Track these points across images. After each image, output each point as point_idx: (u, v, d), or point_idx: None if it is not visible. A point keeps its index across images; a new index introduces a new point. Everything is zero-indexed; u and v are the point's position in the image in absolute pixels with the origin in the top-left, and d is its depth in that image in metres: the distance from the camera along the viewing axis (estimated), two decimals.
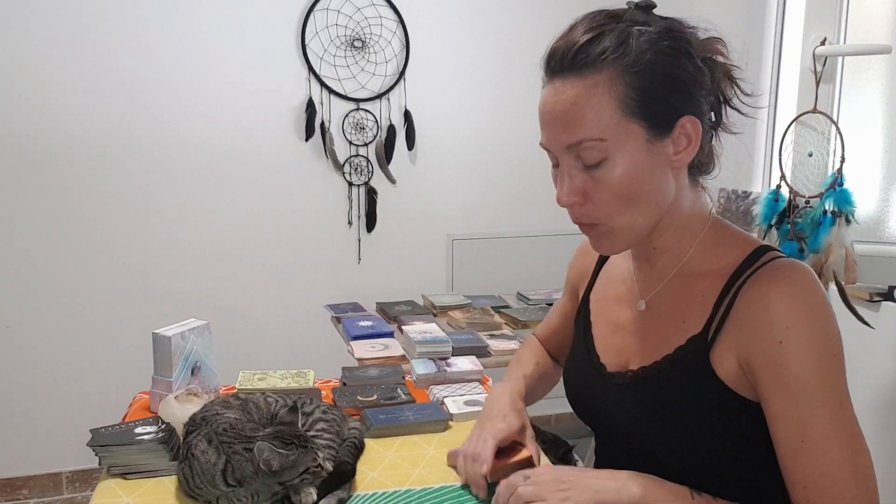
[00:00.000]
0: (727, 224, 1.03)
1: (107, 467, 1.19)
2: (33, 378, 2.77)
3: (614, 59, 0.88)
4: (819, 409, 0.86)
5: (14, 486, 2.80)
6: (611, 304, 1.12)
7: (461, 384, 1.61)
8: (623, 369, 1.04)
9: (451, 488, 1.16)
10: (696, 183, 1.00)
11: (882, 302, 2.14)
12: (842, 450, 0.85)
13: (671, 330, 0.99)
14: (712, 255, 0.98)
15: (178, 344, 1.44)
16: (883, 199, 2.31)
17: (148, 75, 2.76)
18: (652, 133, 0.90)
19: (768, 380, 0.88)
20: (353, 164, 3.03)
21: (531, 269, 3.19)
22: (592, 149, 0.90)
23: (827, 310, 0.89)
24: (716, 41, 0.96)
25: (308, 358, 2.74)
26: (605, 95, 0.88)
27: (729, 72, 0.97)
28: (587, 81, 0.89)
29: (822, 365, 0.86)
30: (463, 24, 3.10)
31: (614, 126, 0.89)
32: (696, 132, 0.92)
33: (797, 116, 2.30)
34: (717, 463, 0.94)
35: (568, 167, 0.93)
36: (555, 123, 0.92)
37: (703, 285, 0.97)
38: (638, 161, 0.90)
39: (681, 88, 0.91)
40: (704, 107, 0.94)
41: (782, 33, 2.48)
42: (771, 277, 0.90)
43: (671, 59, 0.90)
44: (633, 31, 0.90)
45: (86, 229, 2.76)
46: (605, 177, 0.91)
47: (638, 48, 0.89)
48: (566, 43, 0.91)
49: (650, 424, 0.98)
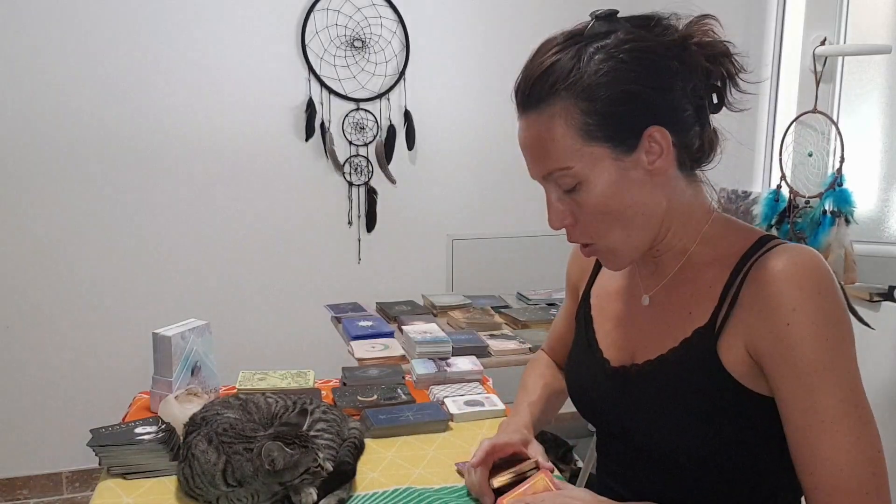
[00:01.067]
0: (730, 217, 1.02)
1: (107, 467, 1.19)
2: (33, 378, 2.77)
3: (566, 88, 0.89)
4: (827, 392, 0.85)
5: (14, 486, 2.80)
6: (612, 298, 1.11)
7: (461, 384, 1.61)
8: (627, 363, 1.04)
9: (451, 488, 1.16)
10: (693, 177, 0.99)
11: (882, 302, 2.14)
12: (849, 434, 0.84)
13: (676, 323, 0.98)
14: (717, 244, 0.98)
15: (178, 344, 1.44)
16: (882, 199, 2.31)
17: (148, 76, 2.76)
18: (618, 151, 0.90)
19: (776, 363, 0.87)
20: (353, 164, 3.03)
21: (531, 269, 3.19)
22: (565, 176, 0.92)
23: (834, 291, 0.87)
24: (702, 21, 0.93)
25: (308, 358, 2.75)
26: (564, 126, 0.89)
27: (721, 48, 0.94)
28: (543, 116, 0.91)
29: (831, 347, 0.85)
30: (463, 24, 3.10)
31: (577, 153, 0.90)
32: (665, 140, 0.91)
33: (797, 116, 2.30)
34: (721, 458, 0.93)
35: (550, 195, 0.97)
36: (528, 157, 0.96)
37: (709, 276, 0.96)
38: (612, 180, 0.91)
39: (639, 101, 0.90)
40: (681, 106, 0.92)
41: (782, 33, 2.48)
42: (776, 260, 0.89)
43: (626, 74, 0.88)
44: (587, 53, 0.89)
45: (86, 229, 2.76)
46: (585, 200, 0.93)
47: (590, 70, 0.88)
48: (524, 78, 0.93)
49: (655, 419, 0.97)
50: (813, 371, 0.85)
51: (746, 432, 0.92)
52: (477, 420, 1.43)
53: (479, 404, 1.47)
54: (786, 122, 2.35)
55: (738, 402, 0.91)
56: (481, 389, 1.58)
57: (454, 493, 1.14)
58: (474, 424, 1.41)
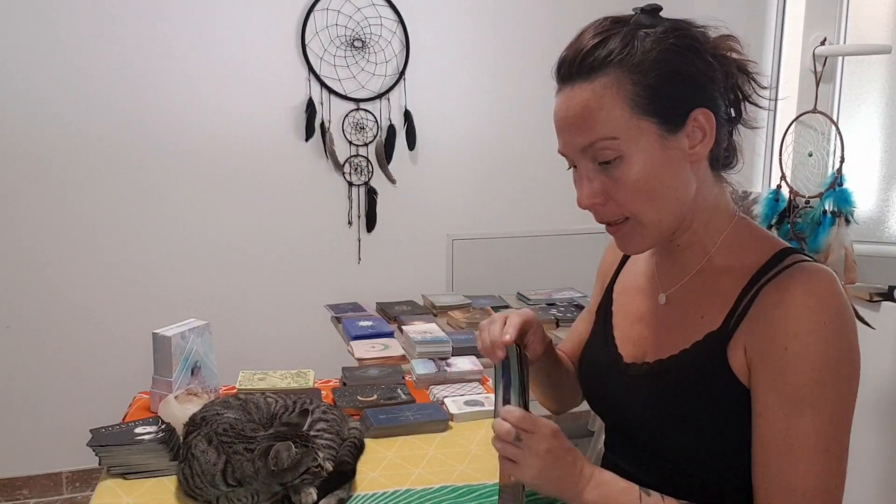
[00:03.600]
0: (752, 223, 1.03)
1: (107, 467, 1.19)
2: (33, 378, 2.77)
3: (620, 60, 0.90)
4: (806, 420, 0.86)
5: (14, 486, 2.80)
6: (632, 295, 1.12)
7: (461, 384, 1.61)
8: (639, 361, 1.05)
9: (451, 488, 1.16)
10: (719, 178, 1.01)
11: (882, 302, 2.14)
12: (813, 464, 0.86)
13: (690, 324, 0.99)
14: (736, 251, 0.99)
15: (178, 344, 1.44)
16: (882, 199, 2.31)
17: (148, 76, 2.76)
18: (664, 128, 0.91)
19: (764, 379, 0.89)
20: (353, 164, 3.03)
21: (531, 269, 3.19)
22: (607, 148, 0.91)
23: (844, 323, 0.88)
24: (728, 38, 0.97)
25: (308, 358, 2.74)
26: (614, 96, 0.90)
27: (744, 66, 0.98)
28: (595, 84, 0.91)
29: (823, 379, 0.86)
30: (463, 24, 3.10)
31: (625, 124, 0.90)
32: (710, 124, 0.93)
33: (797, 116, 2.30)
34: (724, 460, 0.94)
35: (586, 170, 0.95)
36: (568, 128, 0.94)
37: (726, 282, 0.97)
38: (653, 157, 0.91)
39: (689, 83, 0.92)
40: (718, 100, 0.95)
41: (782, 33, 2.48)
42: (793, 281, 0.89)
43: (677, 56, 0.91)
44: (638, 34, 0.92)
45: (86, 229, 2.76)
46: (623, 175, 0.92)
47: (643, 48, 0.90)
48: (574, 50, 0.93)
49: (661, 417, 0.98)
50: (798, 397, 0.86)
51: (750, 435, 0.92)
52: (477, 420, 1.43)
53: (478, 404, 1.47)
54: (786, 122, 2.35)
55: (744, 405, 0.92)
56: (481, 389, 1.58)
57: (454, 492, 1.14)
58: (474, 424, 1.41)
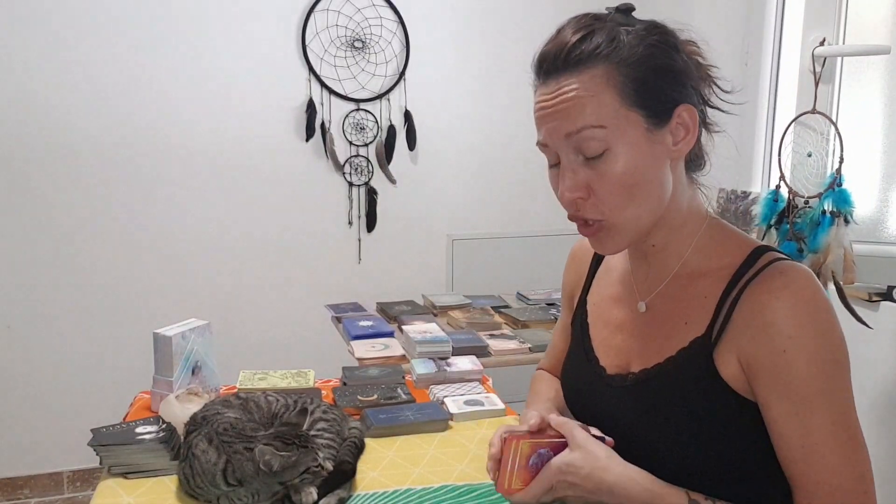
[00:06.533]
0: (724, 223, 1.03)
1: (108, 467, 1.19)
2: (33, 378, 2.77)
3: (608, 54, 0.90)
4: (820, 416, 0.86)
5: (15, 486, 2.81)
6: (608, 305, 1.11)
7: (461, 384, 1.61)
8: (623, 371, 1.03)
9: (451, 488, 1.16)
10: (692, 180, 1.01)
11: (881, 302, 2.14)
12: (841, 456, 0.86)
13: (672, 331, 0.98)
14: (711, 254, 0.99)
15: (178, 344, 1.44)
16: (882, 199, 2.31)
17: (149, 76, 2.76)
18: (651, 122, 0.91)
19: (770, 385, 0.89)
20: (353, 164, 3.03)
21: (531, 269, 3.19)
22: (593, 138, 0.90)
23: (830, 315, 0.89)
24: (690, 43, 0.98)
25: (308, 358, 2.75)
26: (604, 86, 0.90)
27: (706, 71, 0.99)
28: (584, 76, 0.90)
29: (826, 373, 0.87)
30: (463, 24, 3.10)
31: (614, 114, 0.90)
32: (693, 121, 0.93)
33: (796, 117, 2.30)
34: (718, 465, 0.94)
35: (569, 162, 0.93)
36: (554, 116, 0.92)
37: (704, 286, 0.97)
38: (639, 151, 0.91)
39: (675, 78, 0.93)
40: (695, 98, 0.96)
41: (781, 33, 2.48)
42: (774, 283, 0.90)
43: (661, 52, 0.92)
44: (619, 30, 0.92)
45: (86, 229, 2.77)
46: (608, 168, 0.91)
47: (629, 43, 0.91)
48: (557, 45, 0.92)
49: (652, 427, 0.98)
50: (808, 396, 0.87)
51: (743, 440, 0.93)
52: (477, 420, 1.43)
53: (478, 404, 1.47)
54: (785, 122, 2.35)
55: (734, 410, 0.92)
56: (481, 389, 1.58)
57: (454, 492, 1.15)
58: (474, 424, 1.41)
